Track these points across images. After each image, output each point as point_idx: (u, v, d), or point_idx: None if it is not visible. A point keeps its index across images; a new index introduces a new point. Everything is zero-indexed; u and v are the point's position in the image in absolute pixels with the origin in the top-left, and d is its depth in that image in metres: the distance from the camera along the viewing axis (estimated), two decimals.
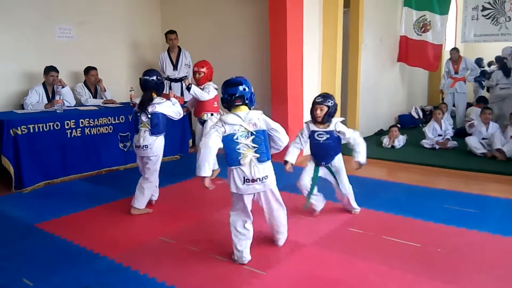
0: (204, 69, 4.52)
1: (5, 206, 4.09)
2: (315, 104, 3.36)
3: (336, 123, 3.41)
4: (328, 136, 3.39)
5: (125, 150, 5.30)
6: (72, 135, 4.83)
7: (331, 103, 3.33)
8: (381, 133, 7.28)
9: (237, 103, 2.75)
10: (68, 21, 6.07)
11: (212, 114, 4.61)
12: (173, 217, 3.80)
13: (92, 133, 5.00)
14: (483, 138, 5.82)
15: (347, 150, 3.55)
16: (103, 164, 5.14)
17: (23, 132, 4.44)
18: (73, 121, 4.83)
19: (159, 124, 3.76)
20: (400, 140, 6.39)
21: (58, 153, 4.74)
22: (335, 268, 2.79)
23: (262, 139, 2.74)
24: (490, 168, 5.06)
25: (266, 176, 2.76)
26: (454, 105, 7.83)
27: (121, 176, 5.07)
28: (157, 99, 3.80)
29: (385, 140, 6.42)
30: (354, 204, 3.69)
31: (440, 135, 6.37)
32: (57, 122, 4.70)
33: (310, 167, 3.55)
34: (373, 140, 6.82)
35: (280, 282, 2.64)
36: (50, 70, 5.32)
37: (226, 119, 2.73)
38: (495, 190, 4.38)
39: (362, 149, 3.41)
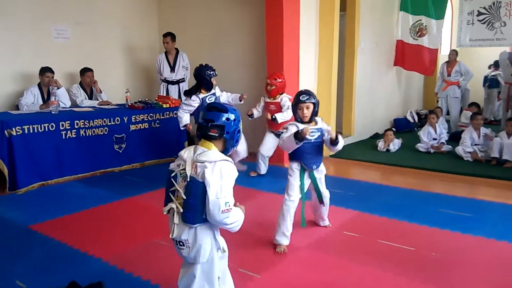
0: (278, 81, 4.81)
1: None
2: (300, 103, 3.06)
3: (320, 120, 3.18)
4: (319, 134, 3.12)
5: (120, 151, 5.29)
6: (67, 136, 4.81)
7: (315, 100, 3.09)
8: (376, 136, 7.29)
9: (211, 133, 2.01)
10: (64, 22, 6.05)
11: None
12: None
13: (87, 135, 4.98)
14: (475, 144, 5.83)
15: (346, 154, 3.54)
16: (98, 166, 5.12)
17: (18, 133, 4.41)
18: (68, 122, 4.81)
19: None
20: (395, 144, 6.41)
21: (53, 154, 4.72)
22: (329, 271, 2.80)
23: (192, 193, 1.96)
24: (485, 173, 5.09)
25: (187, 240, 2.01)
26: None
27: (116, 177, 5.05)
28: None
29: (380, 144, 6.44)
30: (326, 216, 3.48)
31: (435, 139, 6.40)
32: (52, 123, 4.68)
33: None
34: (368, 144, 6.84)
35: (274, 285, 2.64)
36: (45, 71, 5.30)
37: (181, 152, 2.07)
38: (489, 195, 4.40)
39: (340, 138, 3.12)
